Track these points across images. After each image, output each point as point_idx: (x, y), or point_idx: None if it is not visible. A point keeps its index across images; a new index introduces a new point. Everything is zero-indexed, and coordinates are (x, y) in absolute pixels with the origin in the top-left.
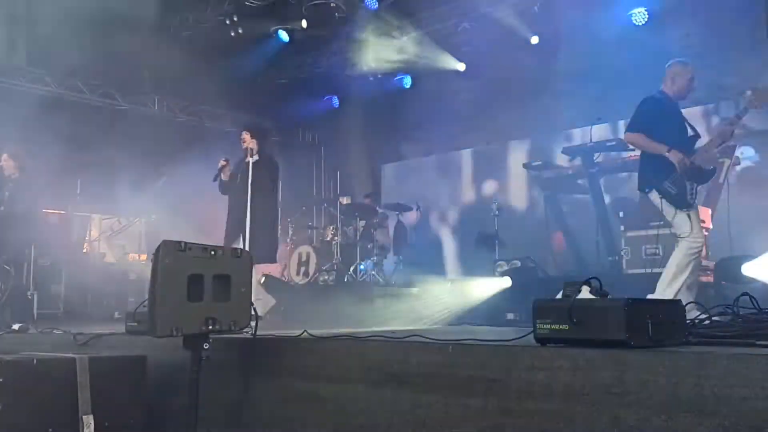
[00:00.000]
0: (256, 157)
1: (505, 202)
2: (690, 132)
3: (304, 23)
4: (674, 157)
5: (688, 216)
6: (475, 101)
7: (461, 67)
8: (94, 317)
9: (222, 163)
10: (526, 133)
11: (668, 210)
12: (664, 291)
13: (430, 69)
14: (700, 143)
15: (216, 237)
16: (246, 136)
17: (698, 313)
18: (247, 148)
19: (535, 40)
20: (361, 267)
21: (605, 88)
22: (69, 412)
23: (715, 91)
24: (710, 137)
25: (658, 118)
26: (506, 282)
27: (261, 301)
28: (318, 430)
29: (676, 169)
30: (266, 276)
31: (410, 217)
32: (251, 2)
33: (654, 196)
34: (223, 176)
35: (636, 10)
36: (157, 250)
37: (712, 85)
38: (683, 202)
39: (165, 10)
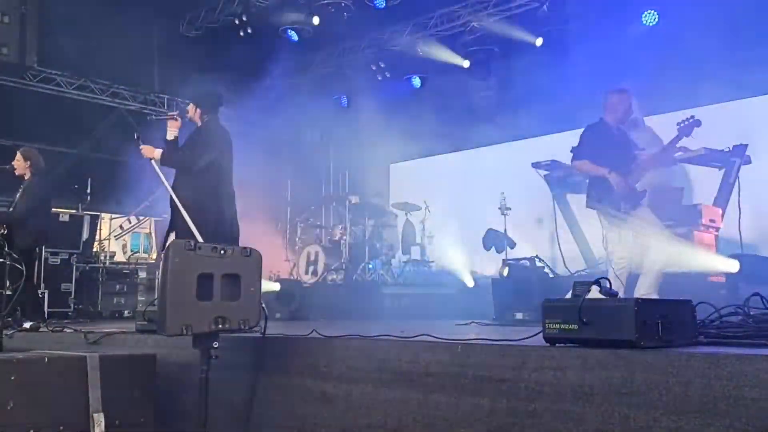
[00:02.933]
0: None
1: (514, 202)
2: (634, 151)
3: (316, 20)
4: (614, 179)
5: (619, 234)
6: (484, 101)
7: (466, 64)
8: (104, 316)
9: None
10: (535, 131)
11: (606, 226)
12: None
13: (438, 69)
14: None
15: None
16: (188, 107)
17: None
18: (189, 118)
19: (539, 42)
20: (370, 266)
21: (614, 87)
22: (80, 410)
23: (731, 89)
24: (649, 159)
25: (599, 145)
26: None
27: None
28: (326, 429)
29: (615, 190)
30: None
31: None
32: (260, 2)
33: (597, 213)
34: (168, 133)
35: (647, 11)
36: (167, 249)
37: (729, 84)
38: (617, 221)
39: (174, 10)
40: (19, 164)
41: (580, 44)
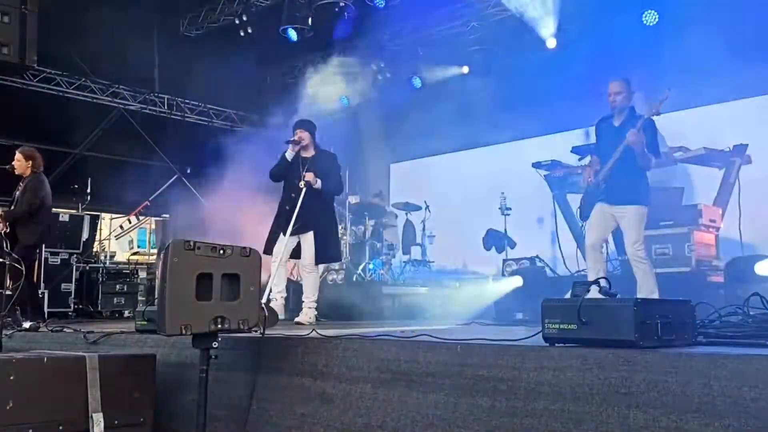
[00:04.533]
0: (312, 152)
1: (514, 202)
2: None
3: (309, 21)
4: (584, 173)
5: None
6: (484, 100)
7: (466, 69)
8: (104, 316)
9: (299, 135)
10: (535, 132)
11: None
12: None
13: (439, 68)
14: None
15: (227, 236)
16: (302, 133)
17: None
18: (303, 144)
19: (552, 43)
20: (370, 266)
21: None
22: (79, 410)
23: (731, 89)
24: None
25: (598, 140)
26: (517, 281)
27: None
28: (325, 429)
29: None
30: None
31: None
32: (260, 2)
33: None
34: (288, 154)
35: (647, 12)
36: (166, 248)
37: (729, 84)
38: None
39: (175, 10)
40: (20, 164)
41: (581, 44)
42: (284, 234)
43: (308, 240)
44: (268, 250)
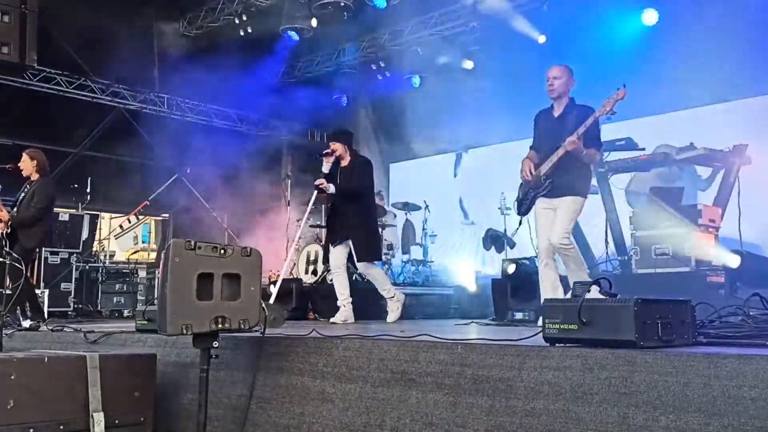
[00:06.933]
0: (348, 161)
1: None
2: (560, 136)
3: (314, 22)
4: (522, 168)
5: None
6: (484, 100)
7: (469, 65)
8: (104, 315)
9: (332, 147)
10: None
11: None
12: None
13: (438, 68)
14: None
15: (224, 236)
16: (334, 144)
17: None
18: (337, 155)
19: (542, 39)
20: None
21: (615, 86)
22: (79, 410)
23: (731, 89)
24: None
25: (537, 132)
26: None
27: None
28: (325, 429)
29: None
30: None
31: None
32: (260, 2)
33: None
34: (324, 167)
35: (647, 11)
36: (167, 248)
37: (729, 84)
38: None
39: (174, 10)
40: (26, 165)
41: (580, 43)
42: (332, 245)
43: (350, 245)
44: (327, 260)
